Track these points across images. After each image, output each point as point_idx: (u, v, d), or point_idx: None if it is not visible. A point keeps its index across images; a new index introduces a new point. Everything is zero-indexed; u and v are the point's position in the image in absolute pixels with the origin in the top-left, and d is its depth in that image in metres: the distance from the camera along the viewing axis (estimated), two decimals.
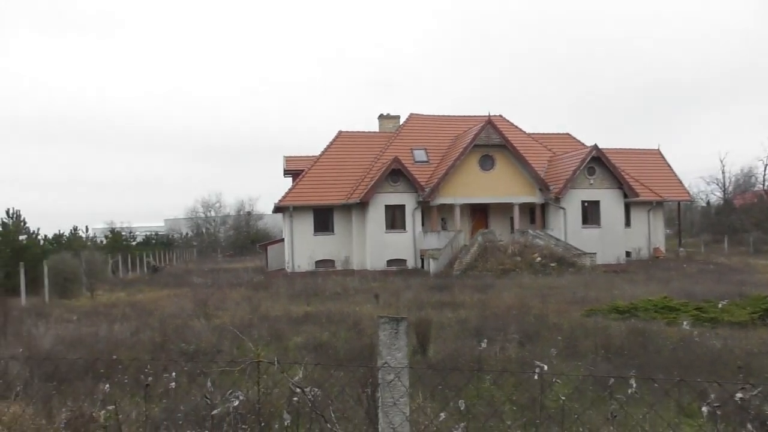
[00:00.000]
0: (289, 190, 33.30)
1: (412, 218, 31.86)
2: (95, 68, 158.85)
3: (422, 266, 30.64)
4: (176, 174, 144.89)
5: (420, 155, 34.46)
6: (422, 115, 37.86)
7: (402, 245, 31.56)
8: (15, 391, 7.83)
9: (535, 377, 5.14)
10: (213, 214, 72.63)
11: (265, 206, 69.64)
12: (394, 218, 31.87)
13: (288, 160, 37.89)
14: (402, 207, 31.84)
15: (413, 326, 9.65)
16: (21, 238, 23.70)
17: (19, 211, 24.27)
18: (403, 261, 31.47)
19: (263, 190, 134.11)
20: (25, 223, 24.38)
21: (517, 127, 37.56)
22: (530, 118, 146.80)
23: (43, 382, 8.10)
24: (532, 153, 34.56)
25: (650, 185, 36.44)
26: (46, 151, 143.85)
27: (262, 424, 5.33)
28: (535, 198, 32.91)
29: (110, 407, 6.11)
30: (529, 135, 37.34)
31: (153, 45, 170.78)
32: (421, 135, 35.90)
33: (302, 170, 34.74)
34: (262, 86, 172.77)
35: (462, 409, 4.95)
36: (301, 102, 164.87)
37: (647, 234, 35.77)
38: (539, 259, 27.31)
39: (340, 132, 36.80)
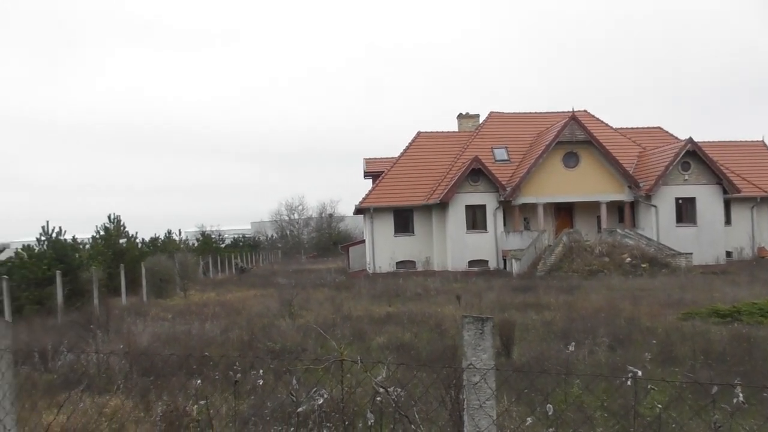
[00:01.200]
0: (370, 191, 33.61)
1: (494, 218, 31.32)
2: (185, 81, 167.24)
3: (504, 267, 30.06)
4: (261, 179, 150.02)
5: (501, 154, 33.84)
6: (502, 113, 37.18)
7: (483, 246, 31.09)
8: (116, 384, 8.31)
9: (629, 383, 4.86)
10: (296, 216, 74.56)
11: (346, 208, 70.68)
12: (475, 218, 31.45)
13: (368, 162, 38.27)
14: (483, 207, 31.37)
15: (496, 327, 9.45)
16: (121, 241, 25.19)
17: (120, 216, 25.83)
18: (484, 262, 31.00)
19: (344, 192, 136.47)
20: (124, 227, 25.89)
21: (602, 122, 36.10)
22: (618, 113, 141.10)
23: (141, 377, 8.53)
24: (620, 148, 33.10)
25: (754, 180, 33.93)
26: (144, 160, 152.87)
27: (347, 422, 5.34)
28: (624, 195, 31.50)
29: (202, 402, 6.35)
30: (616, 130, 35.79)
31: (235, 58, 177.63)
32: (502, 133, 35.24)
33: (382, 172, 34.98)
34: (341, 90, 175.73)
35: (550, 414, 4.76)
36: (379, 104, 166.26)
37: (750, 232, 33.33)
38: (629, 259, 26.10)
39: (419, 133, 36.76)
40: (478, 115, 38.24)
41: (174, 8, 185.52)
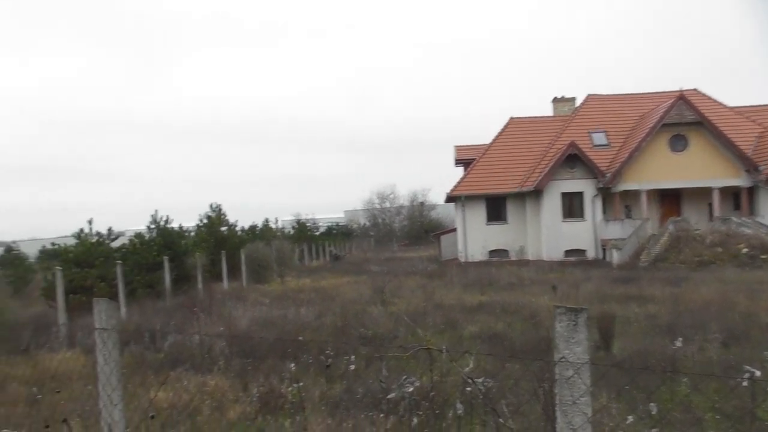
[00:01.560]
0: (461, 179, 33.20)
1: (592, 206, 30.00)
2: (280, 74, 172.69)
3: (603, 257, 28.76)
4: (354, 168, 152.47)
5: (599, 138, 32.29)
6: (601, 95, 35.41)
7: (580, 234, 29.89)
8: (217, 365, 8.70)
9: (745, 384, 4.44)
10: (388, 205, 75.18)
11: (437, 196, 70.45)
12: (572, 206, 30.27)
13: (458, 149, 37.81)
14: (580, 194, 30.13)
15: (595, 320, 9.01)
16: (222, 229, 26.40)
17: (221, 205, 27.04)
18: (581, 251, 29.80)
19: (435, 180, 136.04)
20: (225, 215, 27.09)
21: (715, 100, 33.35)
22: (735, 91, 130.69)
23: (239, 358, 8.87)
24: (737, 129, 30.52)
25: None
26: (243, 151, 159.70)
27: (437, 411, 5.27)
28: (740, 180, 29.13)
29: (296, 385, 6.49)
30: (731, 109, 33.02)
31: (329, 50, 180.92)
32: (600, 117, 33.59)
33: (473, 159, 34.43)
34: (431, 78, 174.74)
35: (654, 413, 4.44)
36: (470, 91, 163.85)
37: None
38: (746, 250, 24.13)
39: (511, 118, 35.81)
40: (574, 99, 36.71)
41: (265, 5, 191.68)
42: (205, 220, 26.49)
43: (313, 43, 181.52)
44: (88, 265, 17.52)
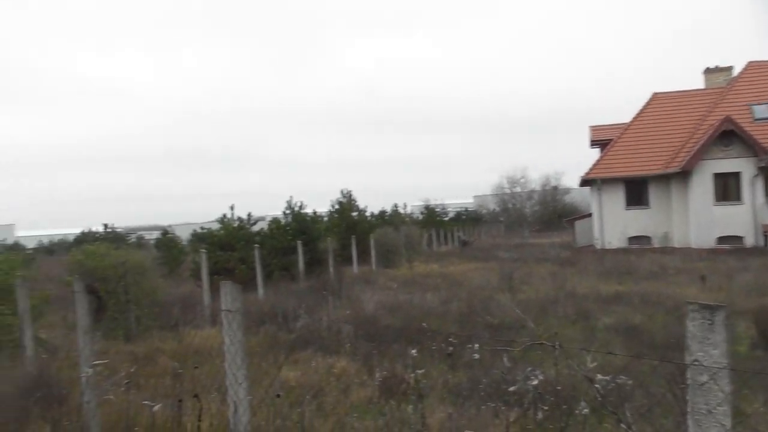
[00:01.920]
0: (597, 161, 31.36)
1: (751, 187, 27.00)
2: (411, 59, 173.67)
3: (765, 244, 25.84)
4: (484, 151, 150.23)
5: (762, 111, 28.82)
6: (764, 62, 31.55)
7: (736, 219, 27.06)
8: (344, 347, 8.90)
9: None
10: (519, 189, 73.14)
11: (571, 180, 67.34)
12: (726, 188, 27.46)
13: (594, 129, 35.70)
14: (736, 174, 27.23)
15: (753, 315, 8.04)
16: (353, 214, 27.13)
17: (351, 191, 27.81)
18: (738, 238, 26.98)
19: (569, 163, 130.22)
20: (355, 201, 27.82)
21: None
22: None
23: (365, 342, 9.01)
24: None
25: None
26: (371, 137, 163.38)
27: (564, 407, 4.95)
28: None
29: (419, 371, 6.44)
30: None
31: (462, 35, 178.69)
32: (763, 87, 30.01)
33: (610, 140, 32.34)
34: (562, 57, 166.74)
35: None
36: (606, 68, 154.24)
37: None
38: None
39: (654, 94, 33.11)
40: (731, 68, 33.12)
41: None
42: (336, 206, 27.35)
43: (448, 23, 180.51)
44: (231, 248, 18.77)
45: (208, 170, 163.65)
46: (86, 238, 32.72)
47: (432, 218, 42.63)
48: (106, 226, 33.31)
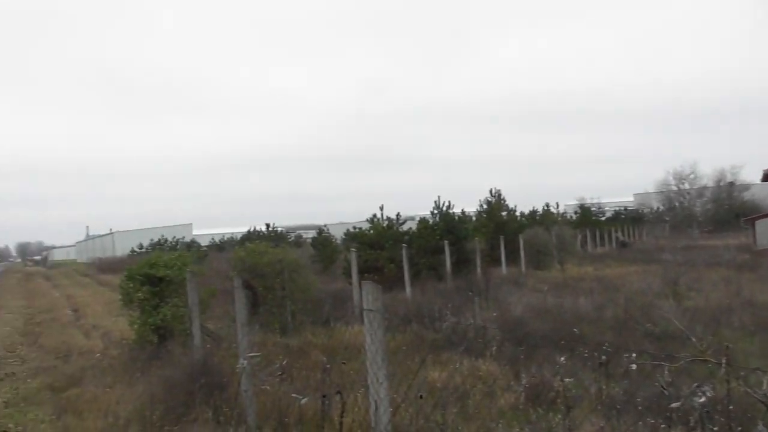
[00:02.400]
0: None
1: None
2: (564, 53, 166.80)
3: None
4: (645, 146, 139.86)
5: None
6: None
7: None
8: (490, 350, 8.71)
9: None
10: (687, 186, 66.97)
11: (750, 174, 60.28)
12: None
13: None
14: None
15: None
16: (502, 214, 26.60)
17: (500, 190, 27.29)
18: None
19: (748, 155, 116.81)
20: (504, 200, 27.24)
21: None
22: None
23: (513, 346, 8.74)
24: None
25: None
26: (522, 134, 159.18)
27: (739, 428, 4.43)
28: None
29: (569, 379, 6.10)
30: None
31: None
32: None
33: None
34: (740, 33, 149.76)
35: None
36: None
37: None
38: None
39: None
40: None
41: None
42: (485, 206, 27.01)
43: (604, 9, 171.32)
44: (380, 247, 19.27)
45: (361, 171, 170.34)
46: (251, 237, 35.44)
47: (587, 218, 40.49)
48: (268, 225, 35.85)
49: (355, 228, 21.92)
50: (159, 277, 9.01)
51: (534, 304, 12.37)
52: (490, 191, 27.19)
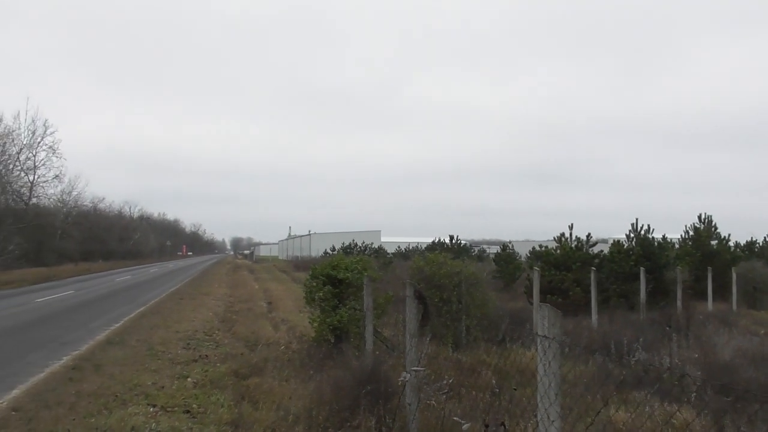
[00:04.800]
0: None
1: None
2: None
3: None
4: None
5: None
6: None
7: None
8: (689, 396, 7.61)
9: None
10: None
11: None
12: None
13: None
14: None
15: None
16: (711, 242, 23.70)
17: (711, 216, 24.35)
18: None
19: None
20: (716, 228, 24.25)
21: None
22: None
23: (717, 394, 7.56)
24: None
25: None
26: (739, 159, 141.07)
27: None
28: None
29: None
30: None
31: None
32: None
33: None
34: None
35: None
36: None
37: None
38: None
39: None
40: None
41: None
42: (690, 232, 24.33)
43: None
44: (566, 269, 18.18)
45: (549, 188, 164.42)
46: (434, 247, 35.80)
47: None
48: (451, 237, 35.96)
49: (541, 246, 21.02)
50: (339, 279, 9.29)
51: (747, 348, 10.65)
52: (699, 216, 24.39)
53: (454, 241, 35.76)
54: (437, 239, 39.81)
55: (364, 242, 45.79)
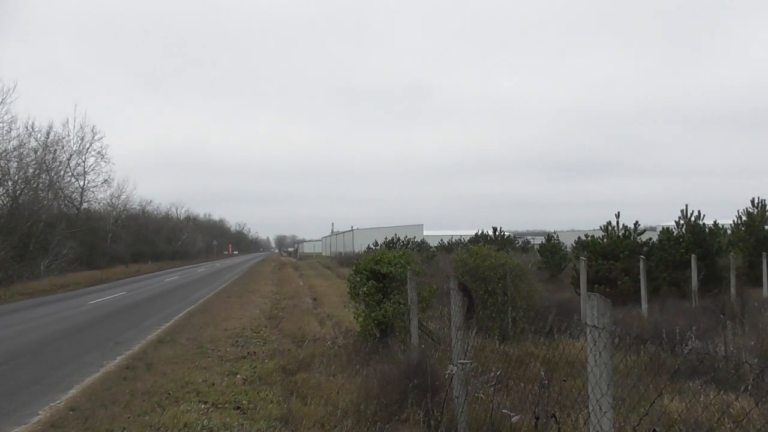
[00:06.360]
0: None
1: None
2: None
3: None
4: None
5: None
6: None
7: None
8: (746, 384, 7.37)
9: None
10: None
11: None
12: None
13: None
14: None
15: None
16: (766, 227, 22.81)
17: (765, 200, 23.43)
18: None
19: None
20: None
21: None
22: None
23: None
24: None
25: None
26: None
27: None
28: None
29: None
30: None
31: None
32: None
33: None
34: None
35: None
36: None
37: None
38: None
39: None
40: None
41: None
42: (743, 217, 23.46)
43: None
44: (614, 258, 17.80)
45: (593, 177, 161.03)
46: (478, 240, 35.50)
47: None
48: (495, 229, 35.59)
49: (587, 236, 20.58)
50: (383, 274, 9.32)
51: None
52: (752, 201, 23.48)
53: (497, 233, 35.39)
54: (480, 231, 39.46)
55: (406, 236, 45.75)
